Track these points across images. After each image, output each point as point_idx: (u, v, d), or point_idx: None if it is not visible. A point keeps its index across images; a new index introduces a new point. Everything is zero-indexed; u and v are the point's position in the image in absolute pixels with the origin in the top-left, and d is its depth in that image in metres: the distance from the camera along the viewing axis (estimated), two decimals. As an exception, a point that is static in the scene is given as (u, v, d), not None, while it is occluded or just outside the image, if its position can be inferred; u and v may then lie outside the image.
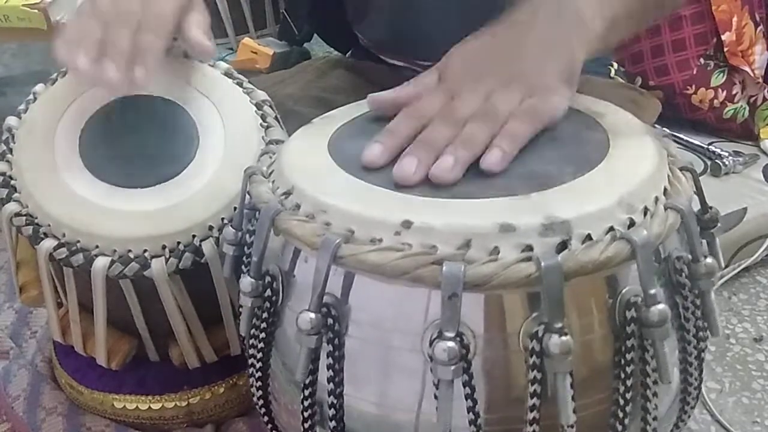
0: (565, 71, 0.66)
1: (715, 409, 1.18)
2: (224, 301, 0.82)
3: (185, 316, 0.81)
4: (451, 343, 0.49)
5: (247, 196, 0.65)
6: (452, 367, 0.50)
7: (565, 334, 0.49)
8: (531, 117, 0.63)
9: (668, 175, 0.59)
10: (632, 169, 0.57)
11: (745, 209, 1.49)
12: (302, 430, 0.60)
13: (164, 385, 0.92)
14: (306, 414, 0.59)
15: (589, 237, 0.51)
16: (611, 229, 0.52)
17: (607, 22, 0.70)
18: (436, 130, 0.62)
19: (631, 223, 0.53)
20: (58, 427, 0.93)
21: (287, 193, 0.59)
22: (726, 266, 1.46)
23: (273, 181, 0.62)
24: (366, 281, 0.54)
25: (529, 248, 0.50)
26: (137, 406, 0.92)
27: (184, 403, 0.92)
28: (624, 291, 0.54)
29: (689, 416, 0.66)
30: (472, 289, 0.49)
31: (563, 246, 0.50)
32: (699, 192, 0.62)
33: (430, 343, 0.51)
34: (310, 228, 0.54)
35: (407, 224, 0.51)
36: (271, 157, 0.67)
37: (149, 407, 0.92)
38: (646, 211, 0.54)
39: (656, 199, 0.55)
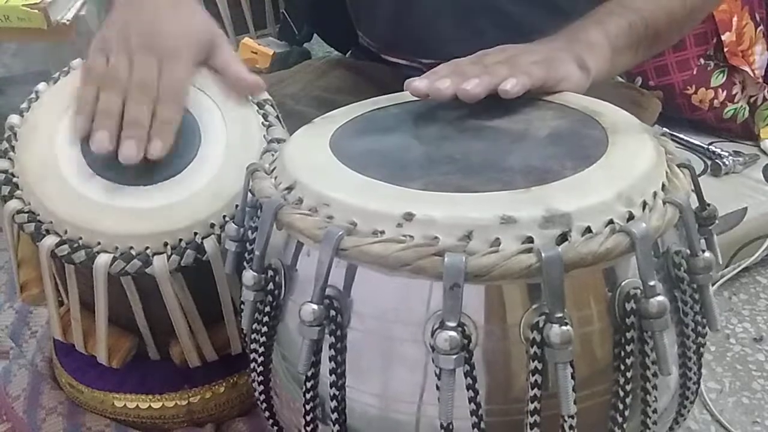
0: (575, 58, 0.78)
1: (715, 409, 1.18)
2: (226, 300, 0.81)
3: (186, 314, 0.81)
4: (452, 333, 0.50)
5: (249, 194, 0.65)
6: (454, 357, 0.50)
7: (566, 324, 0.50)
8: (546, 66, 0.74)
9: (666, 172, 0.59)
10: (631, 165, 0.57)
11: (745, 209, 1.49)
12: (303, 424, 0.60)
13: (165, 384, 0.92)
14: (308, 408, 0.59)
15: (588, 229, 0.51)
16: (611, 222, 0.52)
17: (612, 46, 0.85)
18: (467, 67, 0.74)
19: (630, 217, 0.53)
20: (58, 426, 0.92)
21: (290, 188, 0.59)
22: (726, 266, 1.46)
23: (275, 177, 0.62)
24: (368, 273, 0.54)
25: (530, 240, 0.51)
26: (137, 405, 0.91)
27: (184, 403, 0.91)
28: (623, 283, 0.54)
29: (688, 411, 0.67)
30: (474, 280, 0.50)
31: (563, 238, 0.51)
32: (697, 189, 0.62)
33: (432, 334, 0.51)
34: (313, 221, 0.55)
35: (409, 216, 0.52)
36: (273, 155, 0.67)
37: (150, 406, 0.91)
38: (644, 205, 0.54)
39: (654, 193, 0.56)
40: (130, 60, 0.78)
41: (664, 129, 0.69)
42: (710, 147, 1.70)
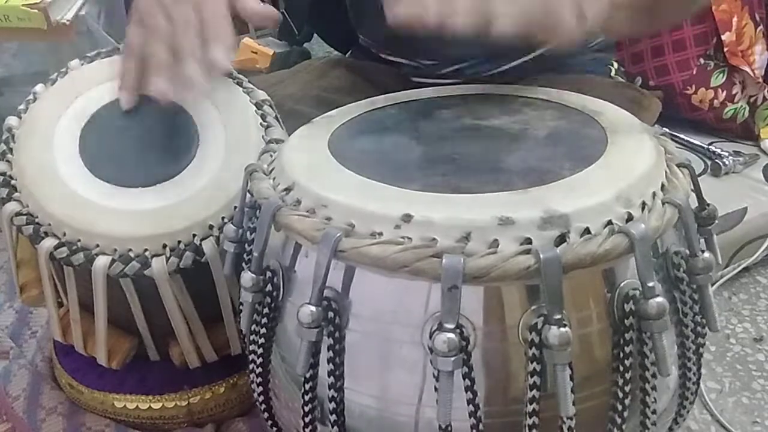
0: (576, 8, 0.68)
1: (715, 409, 1.18)
2: (225, 301, 0.81)
3: (186, 315, 0.81)
4: (451, 335, 0.50)
5: (248, 194, 0.65)
6: (452, 359, 0.50)
7: (564, 326, 0.50)
8: (543, 6, 0.65)
9: (666, 172, 0.59)
10: (630, 165, 0.57)
11: (745, 209, 1.49)
12: (302, 425, 0.60)
13: (164, 385, 0.92)
14: (306, 409, 0.59)
15: (587, 230, 0.51)
16: (609, 222, 0.52)
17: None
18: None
19: (629, 218, 0.53)
20: (58, 427, 0.92)
21: (288, 189, 0.59)
22: (726, 266, 1.46)
23: (274, 178, 0.62)
24: (366, 275, 0.54)
25: (528, 241, 0.51)
26: (137, 406, 0.92)
27: (184, 403, 0.91)
28: (622, 284, 0.54)
29: (688, 412, 0.67)
30: (472, 282, 0.50)
31: (562, 239, 0.51)
32: (696, 189, 0.62)
33: (430, 335, 0.51)
34: (311, 223, 0.55)
35: (407, 218, 0.52)
36: (271, 156, 0.67)
37: (149, 407, 0.91)
38: (644, 205, 0.54)
39: (654, 194, 0.56)
40: (167, 16, 0.77)
41: (664, 129, 0.69)
42: (710, 147, 1.70)
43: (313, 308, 0.54)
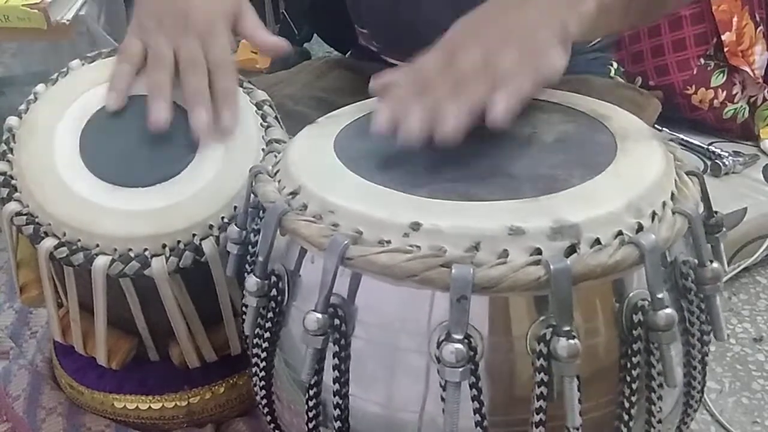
0: (559, 34, 0.67)
1: (715, 409, 1.18)
2: (224, 301, 0.81)
3: (185, 315, 0.81)
4: (459, 345, 0.49)
5: (252, 196, 0.64)
6: (460, 369, 0.50)
7: (573, 338, 0.49)
8: (531, 73, 0.63)
9: (675, 180, 0.58)
10: (640, 174, 0.56)
11: (745, 209, 1.50)
12: (306, 430, 0.60)
13: (164, 385, 0.91)
14: (311, 414, 0.59)
15: (597, 241, 0.51)
16: (620, 233, 0.52)
17: (598, 3, 0.71)
18: (437, 88, 0.64)
19: (639, 228, 0.53)
20: (58, 427, 0.92)
21: (294, 193, 0.58)
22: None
23: (279, 181, 0.62)
24: (373, 282, 0.54)
25: (538, 251, 0.50)
26: (137, 406, 0.91)
27: (184, 403, 0.91)
28: (631, 295, 0.54)
29: (692, 419, 0.66)
30: (481, 292, 0.49)
31: (572, 250, 0.50)
32: (705, 197, 0.62)
33: (438, 345, 0.51)
34: (318, 229, 0.54)
35: (416, 226, 0.51)
36: (276, 156, 0.67)
37: (149, 407, 0.91)
38: (654, 215, 0.54)
39: (664, 203, 0.55)
40: (171, 43, 0.79)
41: (664, 130, 0.68)
42: (710, 147, 1.71)
43: (319, 315, 0.53)
